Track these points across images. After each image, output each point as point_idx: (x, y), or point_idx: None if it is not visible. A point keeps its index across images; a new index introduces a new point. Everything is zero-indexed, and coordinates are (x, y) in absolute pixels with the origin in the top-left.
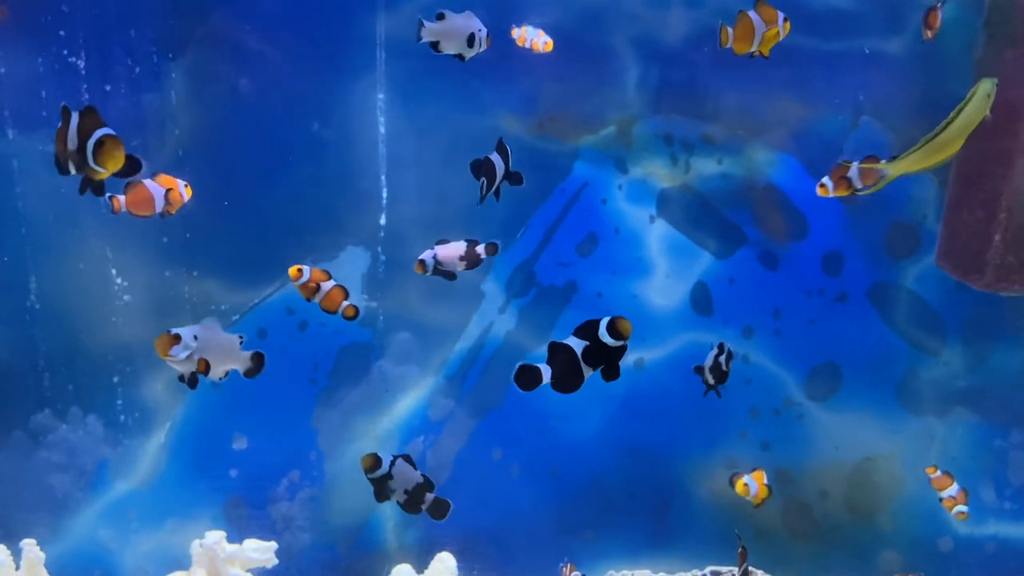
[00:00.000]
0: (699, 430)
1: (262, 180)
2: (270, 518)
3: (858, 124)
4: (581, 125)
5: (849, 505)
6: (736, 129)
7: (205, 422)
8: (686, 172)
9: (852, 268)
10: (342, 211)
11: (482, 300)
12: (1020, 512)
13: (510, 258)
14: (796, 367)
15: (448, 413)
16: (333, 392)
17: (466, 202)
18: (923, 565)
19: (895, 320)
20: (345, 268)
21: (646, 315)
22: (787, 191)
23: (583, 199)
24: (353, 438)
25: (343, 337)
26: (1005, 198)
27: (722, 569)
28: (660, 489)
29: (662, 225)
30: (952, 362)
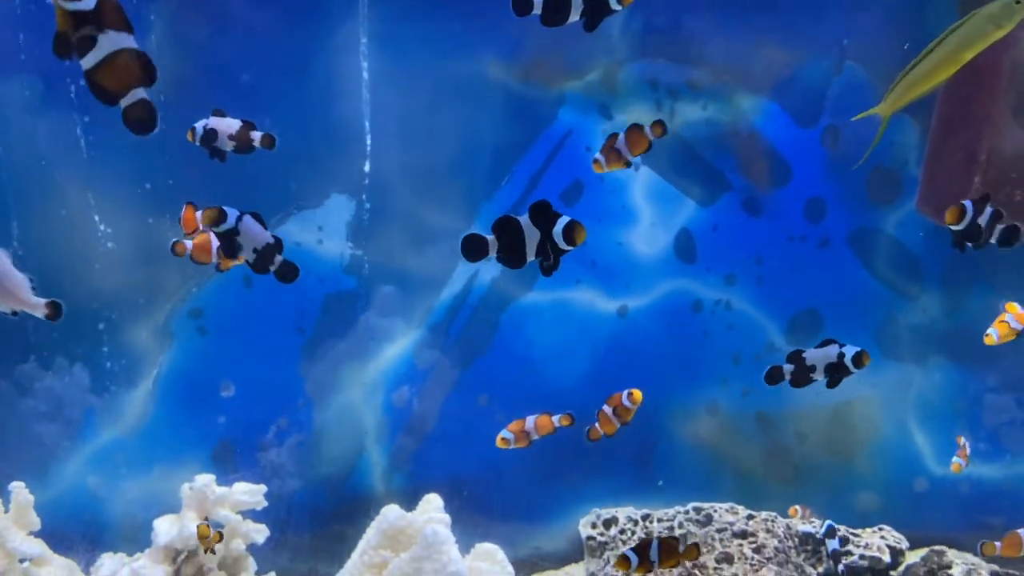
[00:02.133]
0: (682, 376)
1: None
2: (259, 464)
3: (842, 70)
4: (566, 71)
5: (827, 448)
6: (721, 75)
7: (192, 370)
8: (671, 118)
9: (834, 214)
10: (326, 159)
11: None
12: (994, 453)
13: (496, 206)
14: (777, 313)
15: (434, 361)
16: (320, 341)
17: (451, 148)
18: (899, 505)
19: (875, 266)
20: (330, 216)
21: (630, 262)
22: (771, 137)
23: (568, 146)
24: (340, 386)
25: (329, 285)
26: (985, 141)
27: (704, 505)
28: (644, 433)
29: (646, 172)
30: (930, 307)
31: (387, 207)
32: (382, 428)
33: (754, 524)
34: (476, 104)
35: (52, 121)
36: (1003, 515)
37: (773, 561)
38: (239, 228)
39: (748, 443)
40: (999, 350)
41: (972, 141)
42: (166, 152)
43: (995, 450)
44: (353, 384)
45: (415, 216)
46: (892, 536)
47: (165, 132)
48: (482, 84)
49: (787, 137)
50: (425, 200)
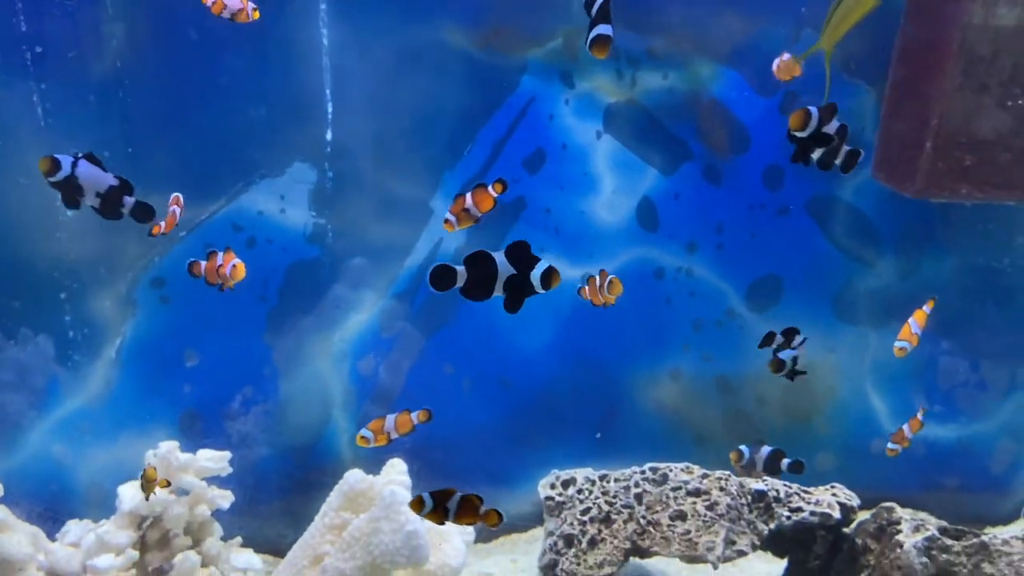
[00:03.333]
0: (644, 342)
1: (203, 94)
2: (225, 432)
3: (800, 37)
4: (527, 38)
5: (786, 411)
6: (680, 43)
7: (155, 338)
8: (632, 87)
9: (792, 182)
10: (287, 126)
11: (431, 217)
12: (948, 415)
13: (458, 174)
14: (738, 280)
15: (399, 330)
16: (284, 309)
17: (413, 116)
18: (856, 466)
19: (833, 232)
20: (292, 185)
21: (593, 231)
22: (730, 105)
23: (530, 114)
24: (305, 355)
25: (292, 254)
26: (936, 105)
27: (660, 465)
28: (607, 399)
29: (608, 141)
30: (886, 272)
31: (350, 175)
32: (348, 396)
33: (708, 483)
34: (438, 71)
35: (8, 88)
36: (957, 475)
37: (725, 518)
38: (76, 174)
39: (709, 407)
40: (953, 315)
41: (923, 107)
42: (126, 120)
43: (949, 412)
44: (318, 353)
45: (378, 184)
46: (844, 494)
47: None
48: (443, 51)
49: (746, 105)
50: (388, 168)
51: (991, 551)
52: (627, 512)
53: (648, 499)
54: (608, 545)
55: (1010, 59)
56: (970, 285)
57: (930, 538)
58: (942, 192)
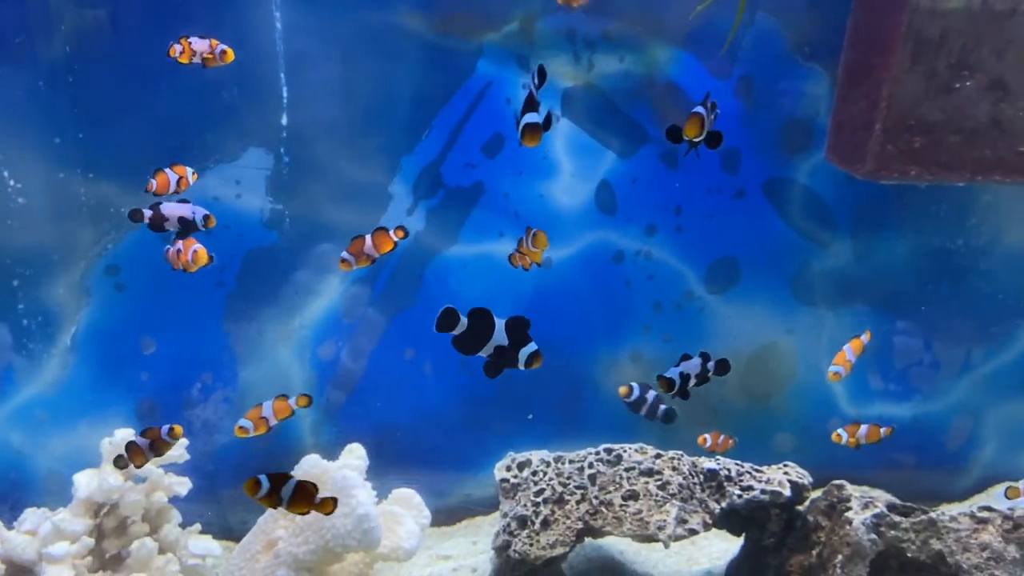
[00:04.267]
0: (605, 325)
1: (155, 79)
2: (185, 419)
3: (754, 21)
4: (483, 22)
5: (745, 391)
6: (636, 26)
7: (111, 326)
8: (589, 70)
9: (748, 164)
10: (242, 111)
11: (389, 202)
12: (903, 393)
13: (416, 159)
14: (696, 262)
15: (360, 314)
16: (242, 295)
17: (370, 100)
18: (814, 445)
19: (790, 214)
20: (248, 170)
21: (552, 214)
22: (686, 88)
23: (487, 98)
24: (265, 341)
25: (249, 240)
26: (885, 88)
27: (615, 446)
28: (568, 382)
29: (567, 125)
30: (841, 253)
31: (307, 160)
32: (309, 382)
33: (661, 463)
34: (394, 56)
35: None
36: (913, 453)
37: (677, 497)
38: None
39: None
40: (908, 295)
41: (873, 90)
42: (76, 106)
43: (904, 390)
44: (278, 339)
45: (336, 169)
46: (796, 472)
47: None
48: (399, 35)
49: (702, 88)
50: (346, 153)
51: (939, 527)
52: (580, 493)
53: (602, 480)
54: (560, 525)
55: (958, 41)
56: (924, 266)
57: (878, 515)
58: (892, 174)
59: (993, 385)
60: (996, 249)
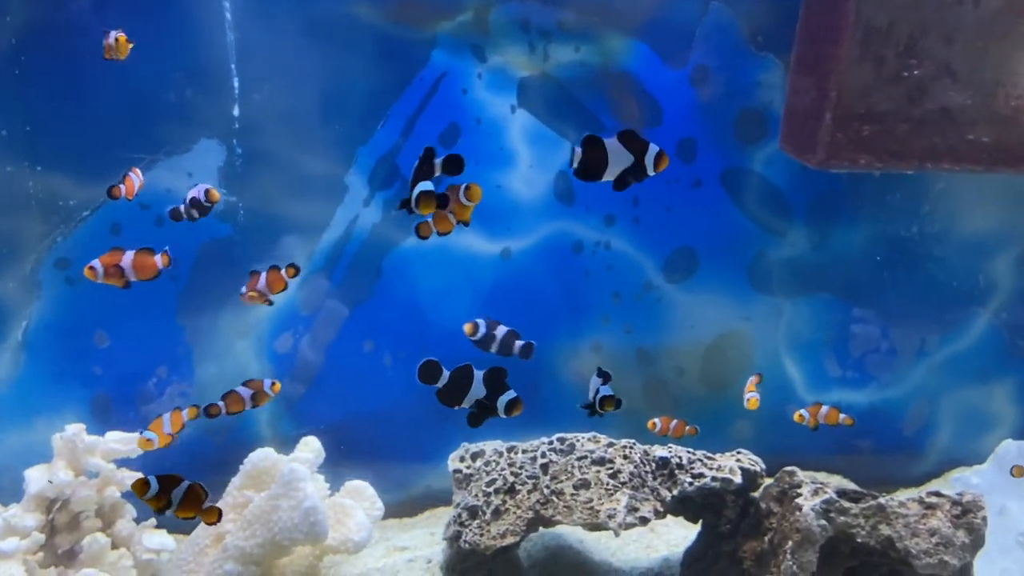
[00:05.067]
0: (565, 315)
1: (104, 70)
2: (140, 413)
3: (708, 11)
4: (436, 11)
5: (704, 380)
6: (591, 15)
7: (62, 320)
8: (544, 60)
9: (705, 154)
10: (192, 102)
11: (345, 193)
12: (860, 380)
13: (372, 150)
14: (655, 252)
15: (317, 307)
16: (197, 288)
17: (323, 91)
18: (773, 432)
19: (746, 204)
20: (200, 162)
21: (511, 205)
22: (642, 79)
23: (443, 88)
24: (220, 334)
25: (202, 233)
26: (834, 77)
27: (568, 435)
28: (529, 372)
29: (523, 115)
30: (798, 242)
31: (260, 152)
32: (266, 374)
33: (613, 451)
34: (347, 46)
35: None
36: (870, 439)
37: (628, 485)
38: None
39: (630, 378)
40: (864, 283)
41: (823, 79)
42: (23, 98)
43: (861, 377)
44: (234, 332)
45: (291, 161)
46: (748, 459)
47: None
48: (352, 25)
49: (658, 78)
50: (300, 144)
51: (888, 513)
52: (532, 482)
53: (554, 469)
54: (511, 515)
55: (905, 30)
56: (879, 253)
57: (828, 501)
58: (842, 163)
59: (948, 371)
60: (949, 236)
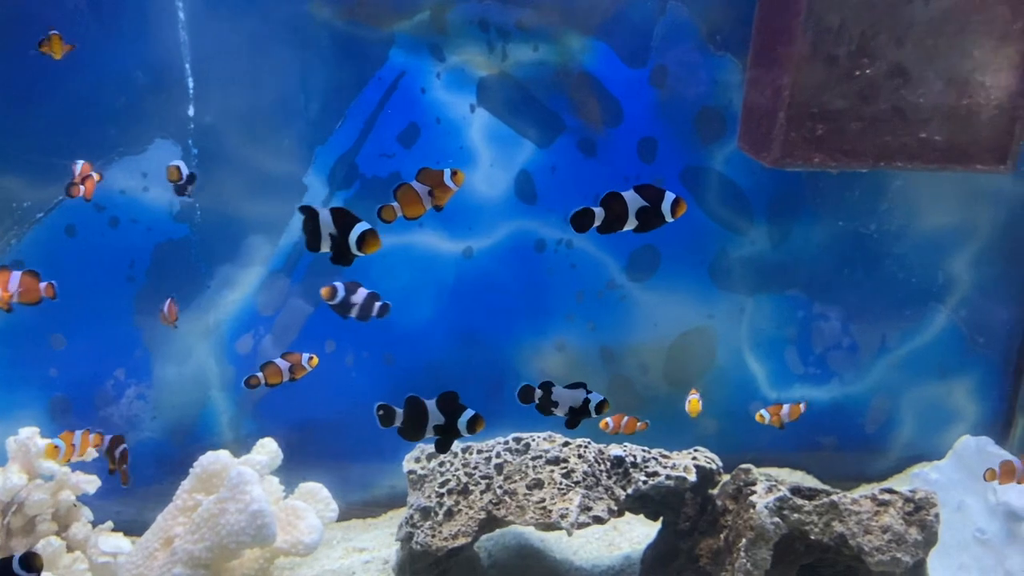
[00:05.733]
0: (528, 314)
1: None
2: (98, 415)
3: (666, 10)
4: (393, 10)
5: (668, 378)
6: (549, 15)
7: (18, 323)
8: (503, 60)
9: (665, 153)
10: (146, 103)
11: (304, 193)
12: (821, 376)
13: (330, 149)
14: (617, 251)
15: (278, 307)
16: (153, 290)
17: (280, 91)
18: (737, 428)
19: (707, 202)
20: (155, 162)
21: (472, 204)
22: (601, 78)
23: (401, 88)
24: (179, 336)
25: (158, 234)
26: (787, 76)
27: (524, 435)
28: (493, 371)
29: (483, 114)
30: (758, 240)
31: (217, 152)
32: (227, 376)
33: (567, 451)
34: (303, 45)
35: None
36: (833, 435)
37: (582, 484)
38: None
39: (594, 376)
40: (825, 280)
41: (777, 78)
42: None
43: (823, 374)
44: (192, 333)
45: (248, 161)
46: (704, 457)
47: None
48: (307, 24)
49: (617, 78)
50: (257, 144)
51: (841, 510)
52: (485, 483)
53: (508, 469)
54: (464, 516)
55: (857, 29)
56: (839, 251)
57: (781, 498)
58: (796, 161)
59: (909, 367)
60: (908, 234)
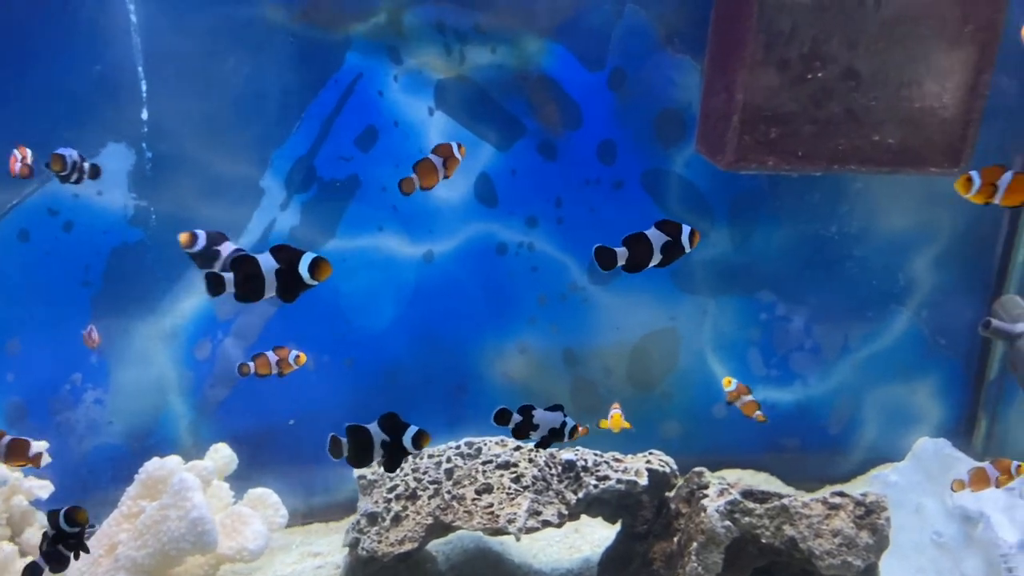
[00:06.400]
0: (490, 317)
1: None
2: (55, 420)
3: (623, 13)
4: (349, 13)
5: (631, 380)
6: (506, 17)
7: None
8: (461, 63)
9: (625, 156)
10: (98, 106)
11: (262, 196)
12: (783, 378)
13: (287, 153)
14: (579, 253)
15: (236, 311)
16: (110, 294)
17: (235, 94)
18: (700, 431)
19: (668, 205)
20: (108, 166)
21: (432, 208)
22: (560, 80)
23: (358, 91)
24: (136, 340)
25: (113, 237)
26: (740, 79)
27: (476, 440)
28: (455, 374)
29: (441, 117)
30: (720, 242)
31: (172, 155)
32: (185, 380)
33: (518, 455)
34: (257, 48)
35: None
36: (797, 437)
37: (531, 489)
38: None
39: (557, 378)
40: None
41: (731, 82)
42: None
43: (786, 375)
44: (150, 337)
45: (204, 164)
46: (658, 460)
47: None
48: (261, 27)
49: (576, 81)
50: (213, 148)
51: (791, 513)
52: (433, 488)
53: (458, 474)
54: (411, 521)
55: (809, 32)
56: (801, 253)
57: (732, 502)
58: (751, 164)
59: (871, 368)
60: (868, 236)
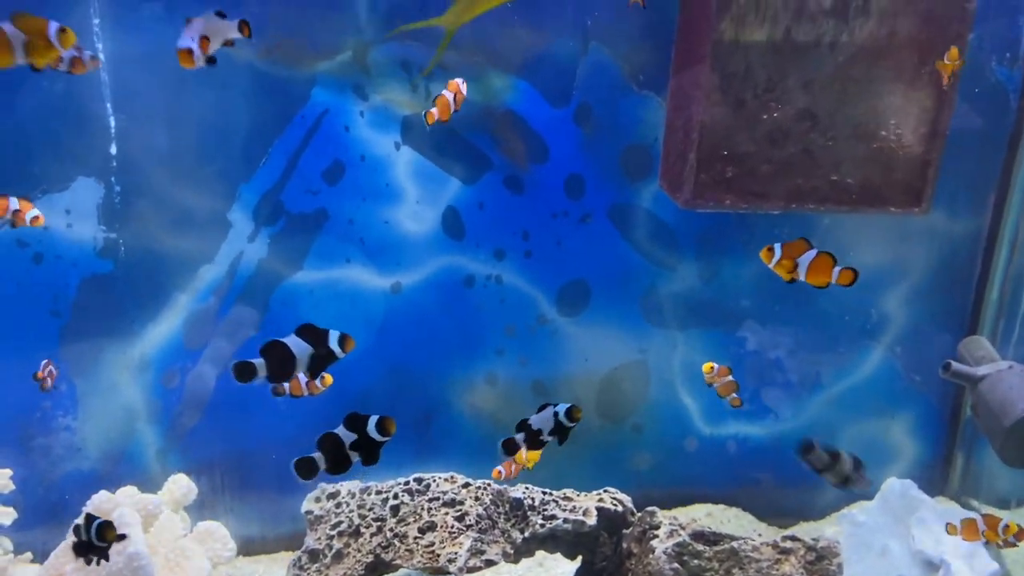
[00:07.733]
0: (458, 349)
1: None
2: (24, 448)
3: (588, 50)
4: (314, 51)
5: (601, 412)
6: (471, 55)
7: None
8: (427, 99)
9: (592, 190)
10: (68, 141)
11: (229, 229)
12: (755, 413)
13: (255, 186)
14: (547, 286)
15: (204, 342)
16: (78, 325)
17: (202, 129)
18: (671, 464)
19: (635, 239)
20: (77, 199)
21: (399, 240)
22: (525, 116)
23: (325, 126)
24: (105, 370)
25: (83, 269)
26: (697, 118)
27: (425, 475)
28: (422, 405)
29: (408, 152)
30: (688, 276)
31: (140, 190)
32: (153, 409)
33: (465, 492)
34: (224, 84)
35: None
36: (769, 471)
37: (475, 528)
38: None
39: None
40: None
41: (688, 120)
42: None
43: (759, 409)
44: (118, 367)
45: (171, 198)
46: (610, 499)
47: None
48: (227, 64)
49: (541, 116)
50: (181, 182)
51: (741, 557)
52: (377, 525)
53: (404, 511)
54: (351, 559)
55: (763, 73)
56: (771, 288)
57: (681, 544)
58: (708, 203)
59: (845, 404)
60: None
